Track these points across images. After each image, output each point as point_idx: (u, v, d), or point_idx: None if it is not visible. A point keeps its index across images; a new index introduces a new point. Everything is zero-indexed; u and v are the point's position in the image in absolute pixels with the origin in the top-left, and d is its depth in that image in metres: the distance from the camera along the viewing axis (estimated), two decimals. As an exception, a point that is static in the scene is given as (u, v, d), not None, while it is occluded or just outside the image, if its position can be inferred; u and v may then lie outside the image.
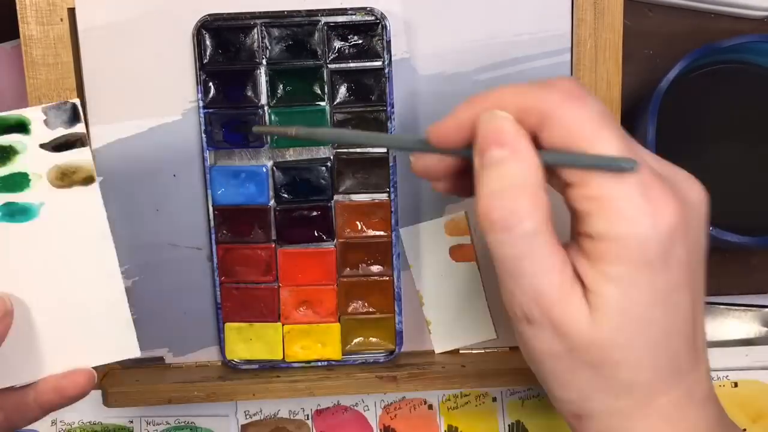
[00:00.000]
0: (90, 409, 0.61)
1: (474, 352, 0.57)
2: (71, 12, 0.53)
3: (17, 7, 0.52)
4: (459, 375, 0.54)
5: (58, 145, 0.45)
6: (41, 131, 0.45)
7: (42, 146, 0.45)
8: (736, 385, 0.61)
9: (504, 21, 0.53)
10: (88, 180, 0.45)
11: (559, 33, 0.53)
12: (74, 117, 0.45)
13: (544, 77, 0.52)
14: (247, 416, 0.61)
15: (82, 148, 0.45)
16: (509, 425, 0.61)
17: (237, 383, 0.55)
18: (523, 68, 0.53)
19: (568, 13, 0.53)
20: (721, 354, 0.61)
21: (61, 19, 0.52)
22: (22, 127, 0.45)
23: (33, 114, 0.45)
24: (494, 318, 0.56)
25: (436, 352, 0.57)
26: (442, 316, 0.56)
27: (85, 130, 0.45)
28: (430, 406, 0.61)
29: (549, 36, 0.53)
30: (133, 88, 0.53)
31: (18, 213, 0.45)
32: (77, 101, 0.45)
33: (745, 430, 0.61)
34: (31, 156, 0.45)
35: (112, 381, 0.55)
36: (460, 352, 0.57)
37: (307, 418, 0.61)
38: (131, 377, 0.56)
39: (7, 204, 0.45)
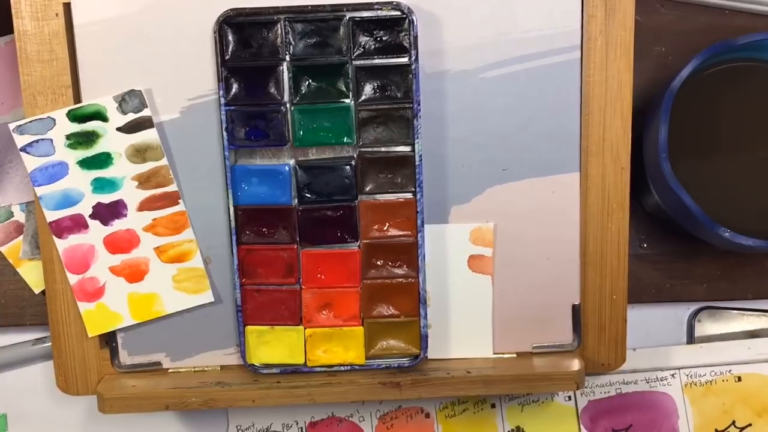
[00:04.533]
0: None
1: (479, 357, 0.56)
2: (67, 7, 0.52)
3: (11, 2, 0.51)
4: (464, 381, 0.54)
5: (131, 128, 0.53)
6: (116, 117, 0.53)
7: (118, 129, 0.53)
8: (739, 379, 0.60)
9: (512, 17, 0.52)
10: (158, 156, 0.53)
11: (569, 30, 0.53)
12: (141, 103, 0.52)
13: (554, 75, 0.51)
14: (239, 431, 0.61)
15: (150, 129, 0.53)
16: (509, 431, 0.60)
17: (235, 389, 0.54)
18: (532, 66, 0.53)
19: (578, 10, 0.52)
20: (724, 348, 0.61)
21: (57, 15, 0.52)
22: (100, 115, 0.52)
23: (107, 103, 0.52)
24: (495, 336, 0.56)
25: (429, 357, 0.56)
26: (445, 322, 0.56)
27: (150, 114, 0.52)
28: (428, 415, 0.61)
29: (558, 33, 0.53)
30: (129, 85, 0.52)
31: (107, 186, 0.53)
32: (142, 89, 0.52)
33: (750, 424, 0.61)
34: (111, 138, 0.53)
35: (107, 386, 0.54)
36: (465, 358, 0.56)
37: (301, 431, 0.60)
38: (127, 383, 0.55)
39: (98, 179, 0.53)
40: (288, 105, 0.52)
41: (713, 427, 0.60)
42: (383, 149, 0.53)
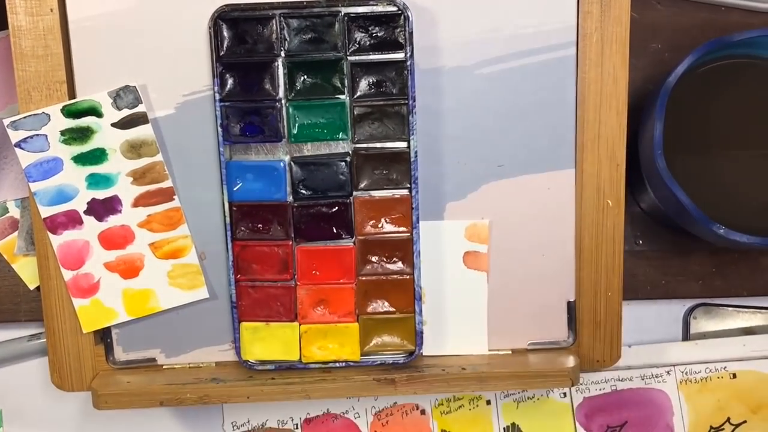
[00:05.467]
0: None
1: (475, 354, 0.56)
2: (61, 2, 0.52)
3: (6, -2, 0.51)
4: (459, 378, 0.54)
5: (126, 123, 0.52)
6: (111, 112, 0.52)
7: (113, 125, 0.52)
8: (734, 376, 0.60)
9: (507, 13, 0.52)
10: (153, 152, 0.53)
11: (564, 26, 0.52)
12: (136, 99, 0.52)
13: (549, 72, 0.51)
14: (235, 427, 0.60)
15: (145, 125, 0.52)
16: (504, 428, 0.61)
17: (230, 385, 0.54)
18: (527, 62, 0.53)
19: (574, 6, 0.52)
20: (719, 344, 0.61)
21: (51, 10, 0.51)
22: (94, 111, 0.52)
23: (102, 98, 0.52)
24: (490, 332, 0.56)
25: (424, 354, 0.56)
26: (440, 319, 0.56)
27: (145, 109, 0.52)
28: (423, 411, 0.61)
29: (554, 29, 0.52)
30: (124, 81, 0.52)
31: (102, 181, 0.53)
32: (136, 85, 0.52)
33: (745, 421, 0.60)
34: (105, 134, 0.53)
35: (102, 382, 0.54)
36: (460, 354, 0.56)
37: (297, 428, 0.61)
38: (122, 379, 0.54)
39: (93, 175, 0.53)
40: (283, 101, 0.52)
41: (708, 423, 0.60)
42: (378, 145, 0.53)
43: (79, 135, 0.52)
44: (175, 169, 0.53)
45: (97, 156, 0.53)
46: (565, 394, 0.61)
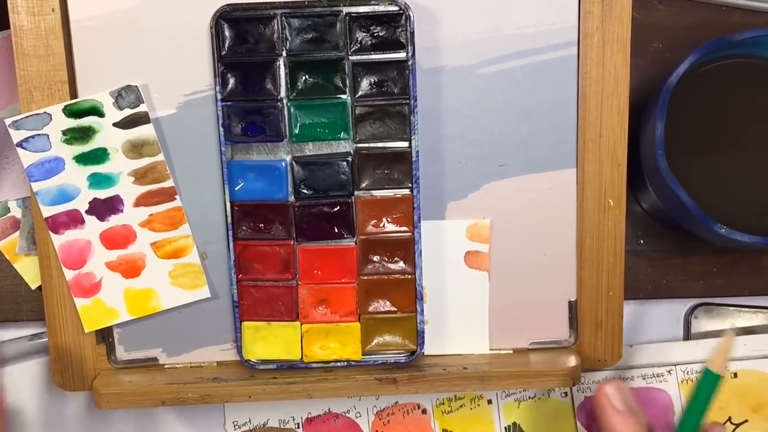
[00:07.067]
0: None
1: (476, 354, 0.56)
2: (63, 2, 0.52)
3: (8, -3, 0.51)
4: (460, 377, 0.54)
5: (127, 123, 0.52)
6: (113, 112, 0.52)
7: (115, 125, 0.52)
8: (735, 375, 0.60)
9: (508, 13, 0.52)
10: (155, 152, 0.53)
11: (566, 26, 0.52)
12: (138, 98, 0.52)
13: (550, 71, 0.51)
14: (236, 427, 0.60)
15: (147, 125, 0.52)
16: (505, 428, 0.60)
17: (231, 385, 0.54)
18: (529, 62, 0.53)
19: (575, 6, 0.52)
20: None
21: (53, 10, 0.51)
22: (96, 110, 0.52)
23: (103, 98, 0.52)
24: (491, 332, 0.56)
25: (425, 353, 0.56)
26: (441, 318, 0.56)
27: (146, 109, 0.52)
28: (424, 411, 0.61)
29: (555, 29, 0.52)
30: (126, 80, 0.52)
31: (103, 181, 0.53)
32: (138, 85, 0.52)
33: (746, 421, 0.60)
34: (107, 134, 0.53)
35: (104, 382, 0.54)
36: (462, 354, 0.56)
37: (298, 427, 0.60)
38: (124, 378, 0.54)
39: (94, 174, 0.53)
40: (284, 100, 0.52)
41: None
42: (380, 145, 0.53)
43: (81, 135, 0.52)
44: (176, 168, 0.53)
45: (99, 156, 0.53)
46: (566, 393, 0.61)
